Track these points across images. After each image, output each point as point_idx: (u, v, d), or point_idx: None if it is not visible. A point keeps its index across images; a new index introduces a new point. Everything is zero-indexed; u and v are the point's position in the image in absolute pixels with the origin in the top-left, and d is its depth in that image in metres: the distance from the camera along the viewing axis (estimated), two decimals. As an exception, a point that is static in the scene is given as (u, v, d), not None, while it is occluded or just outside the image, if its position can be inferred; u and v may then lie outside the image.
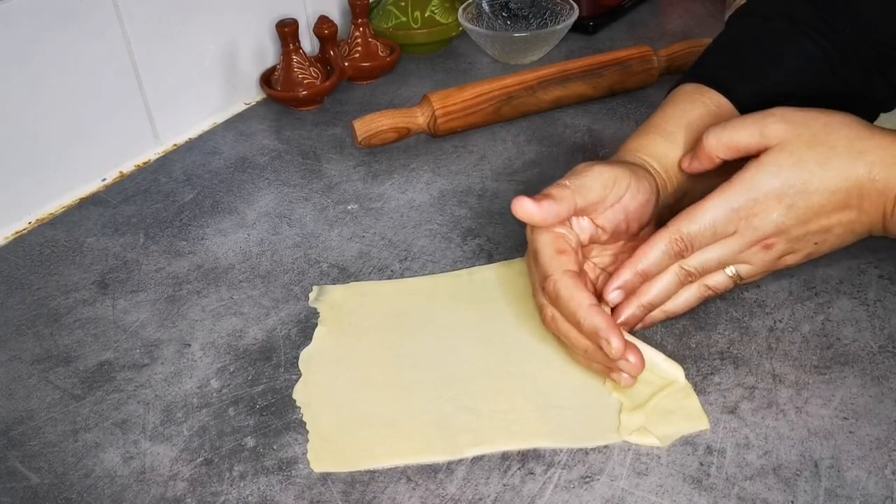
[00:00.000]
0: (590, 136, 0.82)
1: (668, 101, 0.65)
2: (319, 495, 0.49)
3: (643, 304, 0.55)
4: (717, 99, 0.63)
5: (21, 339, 0.61)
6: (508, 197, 0.74)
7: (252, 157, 0.82)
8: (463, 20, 0.96)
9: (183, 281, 0.66)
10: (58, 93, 0.74)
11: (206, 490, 0.50)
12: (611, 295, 0.54)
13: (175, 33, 0.83)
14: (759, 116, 0.54)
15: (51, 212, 0.76)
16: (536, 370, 0.56)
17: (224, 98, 0.90)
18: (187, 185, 0.78)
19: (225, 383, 0.57)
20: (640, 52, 0.87)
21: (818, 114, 0.54)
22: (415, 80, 0.95)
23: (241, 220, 0.73)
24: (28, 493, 0.50)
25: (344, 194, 0.76)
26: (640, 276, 0.54)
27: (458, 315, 0.61)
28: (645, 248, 0.54)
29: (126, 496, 0.49)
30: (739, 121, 0.55)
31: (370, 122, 0.79)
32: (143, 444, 0.53)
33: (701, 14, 1.07)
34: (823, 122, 0.53)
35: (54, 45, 0.73)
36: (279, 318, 0.62)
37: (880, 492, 0.47)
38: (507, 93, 0.83)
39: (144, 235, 0.72)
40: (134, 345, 0.60)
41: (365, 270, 0.66)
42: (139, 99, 0.82)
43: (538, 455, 0.50)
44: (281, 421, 0.54)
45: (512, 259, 0.66)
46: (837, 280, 0.62)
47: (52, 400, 0.56)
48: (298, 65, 0.88)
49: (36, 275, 0.68)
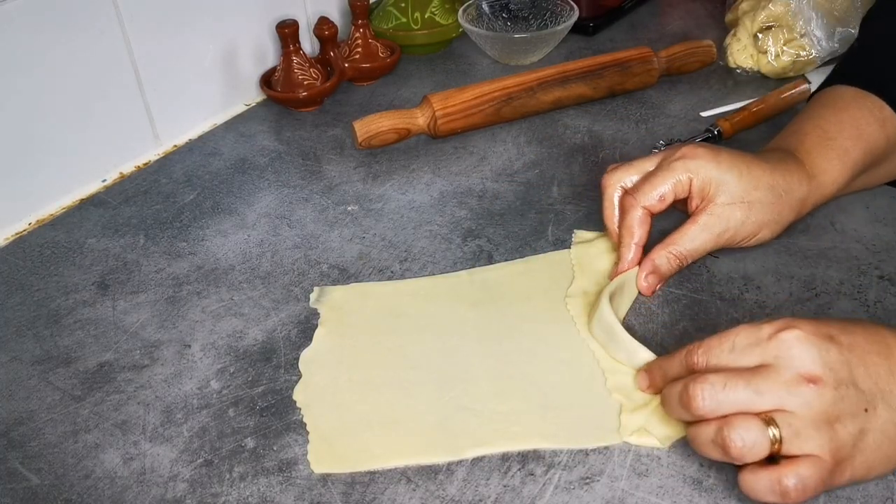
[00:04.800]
0: (590, 137, 0.82)
1: (834, 105, 0.63)
2: (319, 496, 0.49)
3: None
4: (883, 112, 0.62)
5: (21, 340, 0.61)
6: (508, 198, 0.74)
7: (252, 158, 0.82)
8: (463, 21, 0.96)
9: (183, 282, 0.66)
10: (58, 93, 0.74)
11: (206, 491, 0.49)
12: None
13: (175, 34, 0.83)
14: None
15: (51, 213, 0.76)
16: (537, 371, 0.56)
17: (224, 99, 0.90)
18: (187, 186, 0.78)
19: (225, 384, 0.57)
20: (640, 53, 0.87)
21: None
22: (415, 81, 0.95)
23: (241, 221, 0.73)
24: (28, 494, 0.50)
25: (344, 195, 0.76)
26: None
27: (458, 316, 0.61)
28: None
29: (126, 497, 0.49)
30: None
31: (370, 123, 0.79)
32: (143, 445, 0.53)
33: (701, 15, 1.07)
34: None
35: (54, 45, 0.73)
36: (279, 318, 0.62)
37: (880, 492, 0.47)
38: (508, 94, 0.83)
39: (144, 236, 0.72)
40: (134, 346, 0.60)
41: (365, 271, 0.66)
42: (139, 99, 0.82)
43: (538, 456, 0.50)
44: (281, 422, 0.54)
45: (512, 260, 0.66)
46: (838, 281, 0.62)
47: (52, 401, 0.56)
48: (298, 66, 0.88)
49: (36, 276, 0.68)
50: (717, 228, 0.59)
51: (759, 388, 0.44)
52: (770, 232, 0.61)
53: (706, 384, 0.45)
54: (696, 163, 0.58)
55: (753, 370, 0.45)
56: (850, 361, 0.44)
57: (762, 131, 0.80)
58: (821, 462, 0.43)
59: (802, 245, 0.65)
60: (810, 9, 0.87)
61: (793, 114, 0.80)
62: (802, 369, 0.44)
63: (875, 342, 0.46)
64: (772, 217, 0.60)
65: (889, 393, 0.45)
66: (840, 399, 0.44)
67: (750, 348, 0.45)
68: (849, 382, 0.44)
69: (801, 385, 0.44)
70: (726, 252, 0.64)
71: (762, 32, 0.89)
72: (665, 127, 0.83)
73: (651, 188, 0.59)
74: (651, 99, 0.88)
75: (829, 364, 0.44)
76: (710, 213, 0.58)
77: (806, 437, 0.43)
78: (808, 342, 0.44)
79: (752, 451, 0.44)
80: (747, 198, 0.58)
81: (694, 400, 0.45)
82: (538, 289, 0.63)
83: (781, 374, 0.44)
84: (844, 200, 0.69)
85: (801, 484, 0.43)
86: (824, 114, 0.63)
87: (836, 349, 0.45)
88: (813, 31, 0.87)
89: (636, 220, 0.60)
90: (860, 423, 0.44)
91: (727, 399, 0.44)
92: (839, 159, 0.62)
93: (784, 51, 0.87)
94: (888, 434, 0.44)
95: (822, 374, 0.44)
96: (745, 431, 0.44)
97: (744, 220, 0.59)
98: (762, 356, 0.45)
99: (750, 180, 0.58)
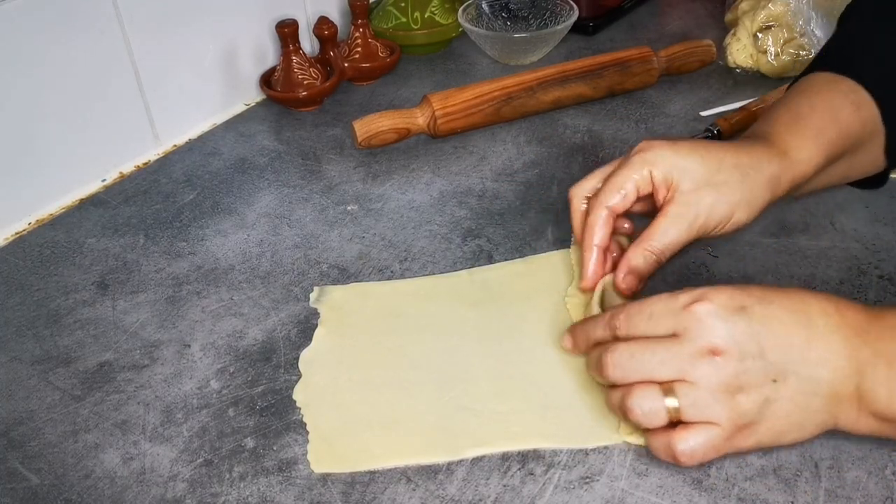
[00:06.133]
0: (589, 137, 0.82)
1: (807, 90, 0.62)
2: (319, 496, 0.49)
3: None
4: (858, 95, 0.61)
5: (21, 340, 0.61)
6: (508, 197, 0.74)
7: (252, 158, 0.82)
8: (463, 21, 0.96)
9: (183, 282, 0.66)
10: (58, 93, 0.74)
11: (205, 491, 0.49)
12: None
13: (175, 33, 0.83)
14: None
15: (51, 212, 0.76)
16: (536, 371, 0.56)
17: (224, 99, 0.90)
18: (187, 185, 0.78)
19: (225, 384, 0.57)
20: (640, 53, 0.87)
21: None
22: (415, 80, 0.95)
23: (240, 220, 0.73)
24: (28, 494, 0.50)
25: (344, 195, 0.76)
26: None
27: (457, 316, 0.61)
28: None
29: (126, 497, 0.49)
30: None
31: (370, 122, 0.79)
32: (142, 445, 0.53)
33: (701, 15, 1.07)
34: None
35: (54, 45, 0.73)
36: (279, 318, 0.62)
37: (880, 492, 0.47)
38: (507, 93, 0.83)
39: (144, 236, 0.72)
40: (134, 345, 0.60)
41: (365, 271, 0.66)
42: (139, 99, 0.82)
43: (538, 456, 0.50)
44: (281, 422, 0.54)
45: (512, 259, 0.66)
46: (837, 281, 0.62)
47: (52, 401, 0.56)
48: (298, 65, 0.88)
49: (36, 275, 0.68)
50: (687, 217, 0.57)
51: (663, 358, 0.46)
52: (745, 214, 0.58)
53: (615, 353, 0.48)
54: (653, 153, 0.57)
55: (663, 339, 0.47)
56: (758, 333, 0.46)
57: (762, 131, 0.80)
58: (716, 429, 0.46)
59: (802, 245, 0.65)
60: (810, 8, 0.87)
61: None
62: (707, 342, 0.46)
63: (794, 311, 0.47)
64: (742, 196, 0.58)
65: (802, 362, 0.46)
66: (744, 371, 0.45)
67: (664, 318, 0.47)
68: (755, 354, 0.46)
69: (704, 357, 0.46)
70: (726, 252, 0.64)
71: (762, 32, 0.89)
72: (665, 127, 0.83)
73: (612, 186, 0.58)
74: (651, 99, 0.88)
75: (734, 337, 0.46)
76: (676, 202, 0.57)
77: (704, 406, 0.46)
78: (717, 316, 0.46)
79: (650, 419, 0.47)
80: (712, 180, 0.57)
81: (605, 368, 0.48)
82: (538, 289, 0.63)
83: (687, 345, 0.46)
84: (844, 200, 0.69)
85: (689, 450, 0.46)
86: (798, 99, 0.62)
87: (746, 322, 0.46)
88: (813, 30, 0.87)
89: (598, 220, 0.58)
90: (766, 392, 0.46)
91: (633, 368, 0.47)
92: (812, 138, 0.60)
93: (784, 50, 0.87)
94: (798, 403, 0.46)
95: (725, 347, 0.45)
96: (643, 400, 0.47)
97: (713, 203, 0.57)
98: (675, 325, 0.47)
99: (712, 162, 0.57)
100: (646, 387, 0.47)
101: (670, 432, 0.46)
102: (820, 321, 0.46)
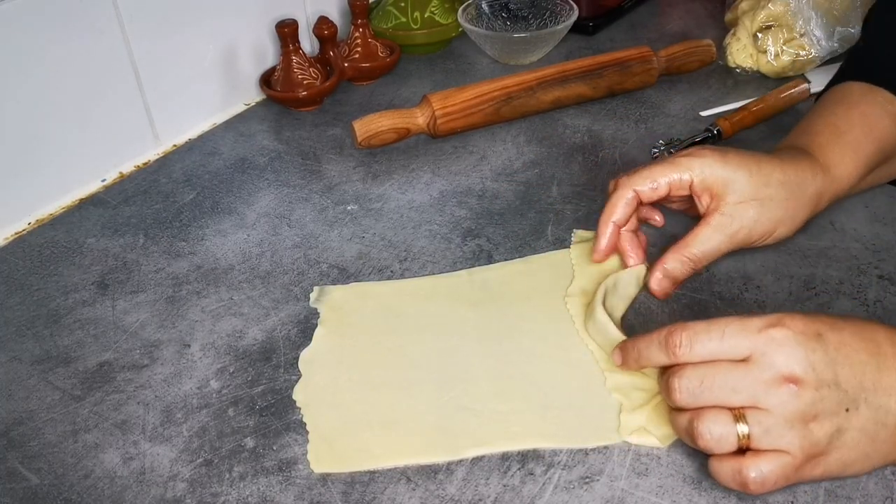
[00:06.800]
0: (589, 137, 0.82)
1: (844, 101, 0.63)
2: (319, 496, 0.49)
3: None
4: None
5: (21, 340, 0.61)
6: (508, 197, 0.74)
7: (252, 158, 0.82)
8: (463, 21, 0.96)
9: (183, 281, 0.66)
10: (58, 93, 0.74)
11: (205, 491, 0.49)
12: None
13: (175, 33, 0.83)
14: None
15: (50, 212, 0.76)
16: (536, 371, 0.56)
17: (224, 98, 0.90)
18: (187, 185, 0.78)
19: (225, 384, 0.57)
20: (640, 53, 0.87)
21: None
22: (414, 80, 0.95)
23: (240, 220, 0.73)
24: (28, 494, 0.50)
25: (344, 195, 0.76)
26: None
27: (457, 316, 0.61)
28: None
29: (126, 497, 0.49)
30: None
31: (370, 122, 0.79)
32: (142, 445, 0.53)
33: (701, 14, 1.07)
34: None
35: (54, 45, 0.73)
36: (279, 318, 0.62)
37: (880, 492, 0.47)
38: (507, 93, 0.83)
39: (144, 236, 0.72)
40: (133, 345, 0.60)
41: (365, 271, 0.66)
42: (139, 99, 0.82)
43: (538, 455, 0.50)
44: (281, 421, 0.54)
45: (512, 259, 0.66)
46: (837, 280, 0.62)
47: (51, 400, 0.56)
48: (298, 65, 0.88)
49: (36, 275, 0.68)
50: (729, 229, 0.57)
51: (735, 385, 0.45)
52: (786, 229, 0.59)
53: (683, 378, 0.46)
54: (700, 160, 0.58)
55: (735, 364, 0.45)
56: (834, 361, 0.45)
57: (762, 131, 0.80)
58: (788, 458, 0.44)
59: (802, 244, 0.65)
60: (810, 8, 0.87)
61: (793, 113, 0.81)
62: (785, 369, 0.44)
63: (864, 339, 0.46)
64: (786, 214, 0.59)
65: (873, 391, 0.45)
66: (820, 400, 0.44)
67: (738, 340, 0.46)
68: (831, 383, 0.44)
69: (780, 385, 0.44)
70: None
71: (762, 32, 0.89)
72: (665, 126, 0.83)
73: (647, 175, 0.58)
74: (651, 98, 0.88)
75: (812, 365, 0.44)
76: (721, 212, 0.57)
77: (777, 435, 0.44)
78: (796, 342, 0.45)
79: (720, 444, 0.45)
80: (759, 195, 0.57)
81: (673, 392, 0.47)
82: (538, 289, 0.63)
83: (763, 371, 0.45)
84: (844, 200, 0.69)
85: (760, 477, 0.44)
86: (835, 110, 0.63)
87: (823, 349, 0.45)
88: (812, 30, 0.87)
89: (622, 198, 0.59)
90: (838, 422, 0.44)
91: (703, 393, 0.46)
92: (852, 153, 0.61)
93: (783, 50, 0.87)
94: (868, 432, 0.45)
95: (803, 376, 0.44)
96: (713, 425, 0.45)
97: (757, 217, 0.57)
98: (750, 349, 0.45)
99: (760, 177, 0.57)
100: (717, 412, 0.45)
101: (740, 459, 0.45)
102: (889, 349, 0.46)
